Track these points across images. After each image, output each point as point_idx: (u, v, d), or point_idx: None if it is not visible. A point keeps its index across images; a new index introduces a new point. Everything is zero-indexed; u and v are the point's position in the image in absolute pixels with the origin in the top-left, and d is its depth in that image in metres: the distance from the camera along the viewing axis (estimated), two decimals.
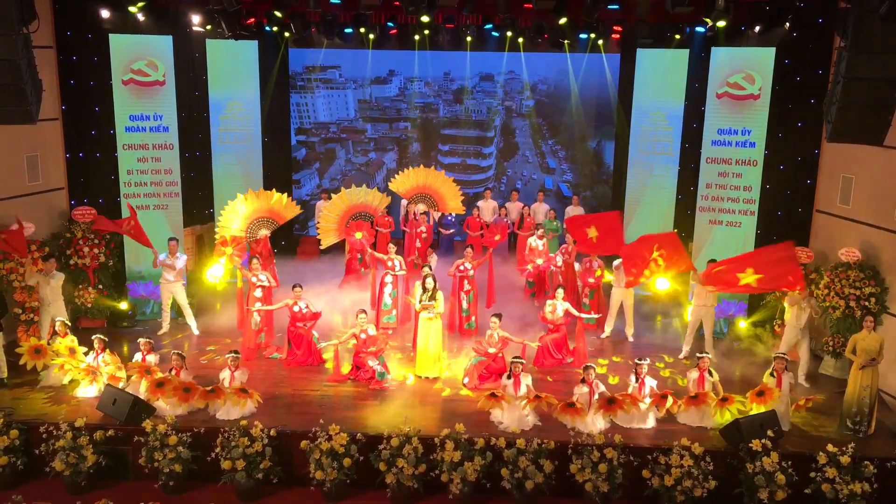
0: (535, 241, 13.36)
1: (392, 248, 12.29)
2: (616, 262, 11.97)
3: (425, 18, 12.60)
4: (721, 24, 11.38)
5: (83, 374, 9.95)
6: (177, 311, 12.14)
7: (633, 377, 9.72)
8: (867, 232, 10.92)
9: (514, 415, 9.29)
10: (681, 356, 11.43)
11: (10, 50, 8.45)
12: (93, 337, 10.17)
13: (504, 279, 14.22)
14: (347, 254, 13.92)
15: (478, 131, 16.88)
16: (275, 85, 15.39)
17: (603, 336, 12.22)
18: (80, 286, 11.96)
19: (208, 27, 13.09)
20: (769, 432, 8.73)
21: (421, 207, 14.06)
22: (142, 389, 9.55)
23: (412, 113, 16.78)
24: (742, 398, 9.38)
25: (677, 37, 13.15)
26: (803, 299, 10.48)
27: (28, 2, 8.64)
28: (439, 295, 10.69)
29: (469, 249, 12.42)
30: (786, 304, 10.77)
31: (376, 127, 16.98)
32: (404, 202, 14.99)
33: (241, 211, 12.46)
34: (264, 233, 12.58)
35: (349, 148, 17.11)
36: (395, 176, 14.25)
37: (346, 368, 10.65)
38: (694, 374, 9.67)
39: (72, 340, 10.20)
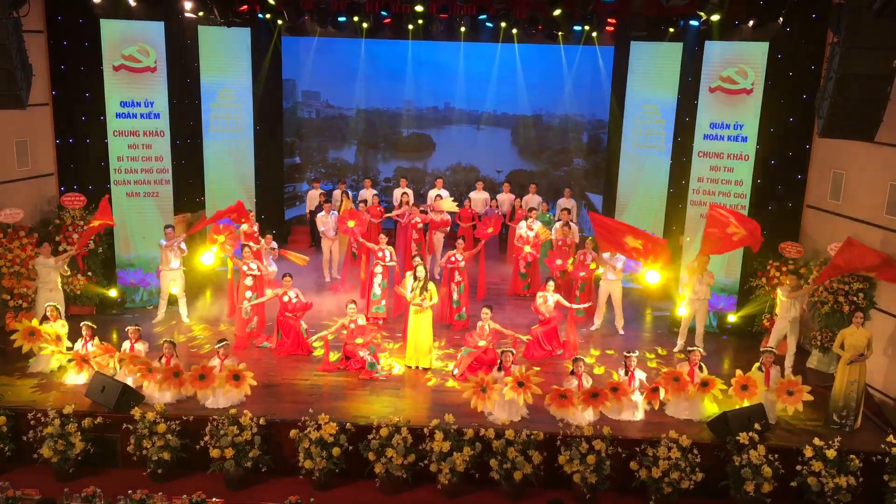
0: (525, 231, 13.35)
1: (383, 238, 12.27)
2: (605, 255, 11.99)
3: (419, 8, 12.58)
4: (715, 18, 11.41)
5: (69, 360, 9.91)
6: (169, 299, 12.08)
7: (622, 370, 9.77)
8: (857, 227, 10.97)
9: (503, 405, 9.31)
10: (675, 350, 11.46)
11: (1, 34, 8.40)
12: (81, 324, 10.13)
13: (496, 271, 14.27)
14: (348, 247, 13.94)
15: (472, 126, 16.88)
16: (267, 73, 15.31)
17: (593, 328, 12.25)
18: (70, 273, 11.89)
19: (200, 13, 13.00)
20: (756, 425, 8.79)
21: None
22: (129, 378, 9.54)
23: (409, 113, 16.81)
24: (722, 384, 9.45)
25: (671, 30, 13.17)
26: (797, 294, 10.53)
27: None
28: (431, 286, 10.69)
29: (460, 241, 12.42)
30: (779, 297, 10.80)
31: (372, 120, 16.93)
32: (397, 192, 14.97)
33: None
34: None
35: (342, 139, 17.05)
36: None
37: (335, 358, 10.65)
38: (684, 369, 9.70)
39: (62, 325, 10.16)
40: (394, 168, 16.99)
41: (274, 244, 13.04)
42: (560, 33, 14.28)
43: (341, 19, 13.90)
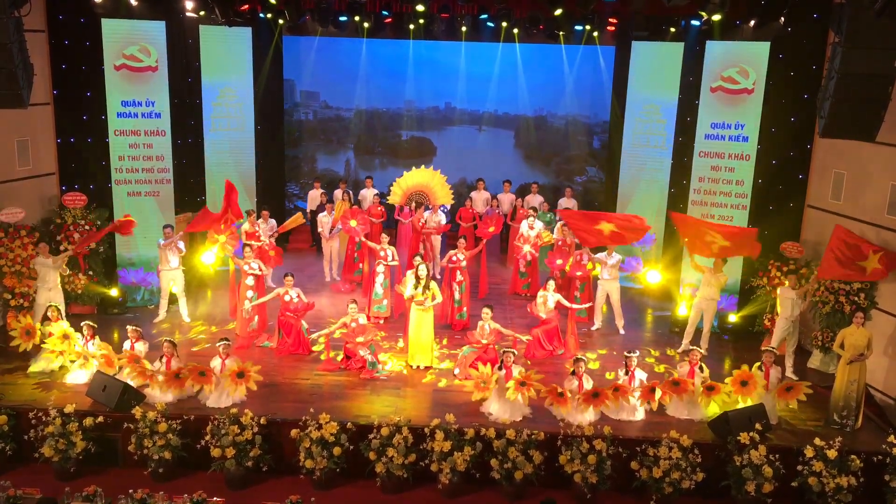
0: (526, 231, 13.33)
1: (385, 237, 12.27)
2: (600, 255, 11.96)
3: (420, 7, 12.58)
4: (716, 17, 11.40)
5: (76, 358, 9.90)
6: (170, 298, 12.08)
7: (622, 370, 9.76)
8: (858, 227, 10.96)
9: (504, 405, 9.31)
10: (680, 349, 11.44)
11: (2, 33, 8.41)
12: (82, 324, 10.13)
13: (497, 272, 14.25)
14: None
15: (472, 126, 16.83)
16: (268, 72, 15.30)
17: (593, 328, 12.25)
18: (71, 272, 11.89)
19: (202, 13, 12.99)
20: (757, 425, 8.79)
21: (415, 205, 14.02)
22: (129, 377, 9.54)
23: (409, 114, 16.75)
24: (728, 388, 9.45)
25: (672, 30, 13.16)
26: (798, 294, 10.54)
27: None
28: (433, 285, 10.69)
29: (462, 240, 12.42)
30: (779, 297, 10.81)
31: (371, 121, 16.86)
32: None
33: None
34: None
35: (338, 142, 17.00)
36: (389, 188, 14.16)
37: (337, 357, 10.65)
38: (684, 369, 9.71)
39: (66, 326, 10.14)
40: (391, 179, 16.78)
41: (272, 221, 13.30)
42: (561, 33, 14.29)
43: (342, 19, 13.89)
